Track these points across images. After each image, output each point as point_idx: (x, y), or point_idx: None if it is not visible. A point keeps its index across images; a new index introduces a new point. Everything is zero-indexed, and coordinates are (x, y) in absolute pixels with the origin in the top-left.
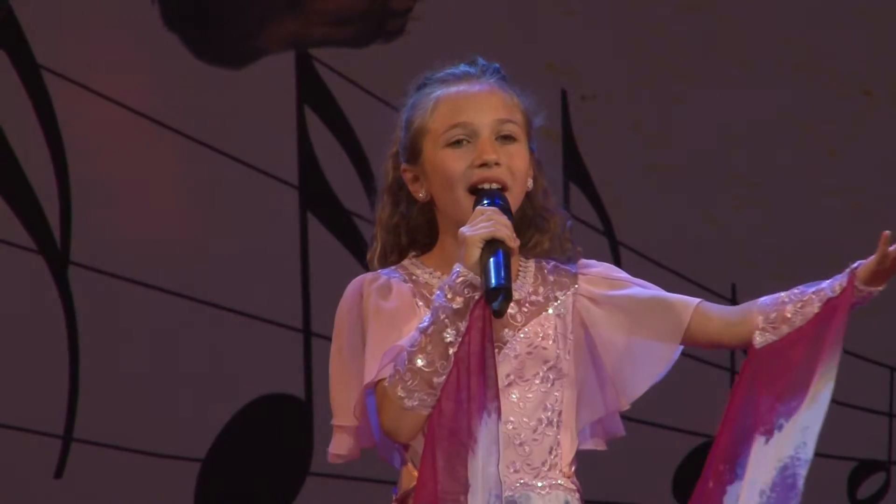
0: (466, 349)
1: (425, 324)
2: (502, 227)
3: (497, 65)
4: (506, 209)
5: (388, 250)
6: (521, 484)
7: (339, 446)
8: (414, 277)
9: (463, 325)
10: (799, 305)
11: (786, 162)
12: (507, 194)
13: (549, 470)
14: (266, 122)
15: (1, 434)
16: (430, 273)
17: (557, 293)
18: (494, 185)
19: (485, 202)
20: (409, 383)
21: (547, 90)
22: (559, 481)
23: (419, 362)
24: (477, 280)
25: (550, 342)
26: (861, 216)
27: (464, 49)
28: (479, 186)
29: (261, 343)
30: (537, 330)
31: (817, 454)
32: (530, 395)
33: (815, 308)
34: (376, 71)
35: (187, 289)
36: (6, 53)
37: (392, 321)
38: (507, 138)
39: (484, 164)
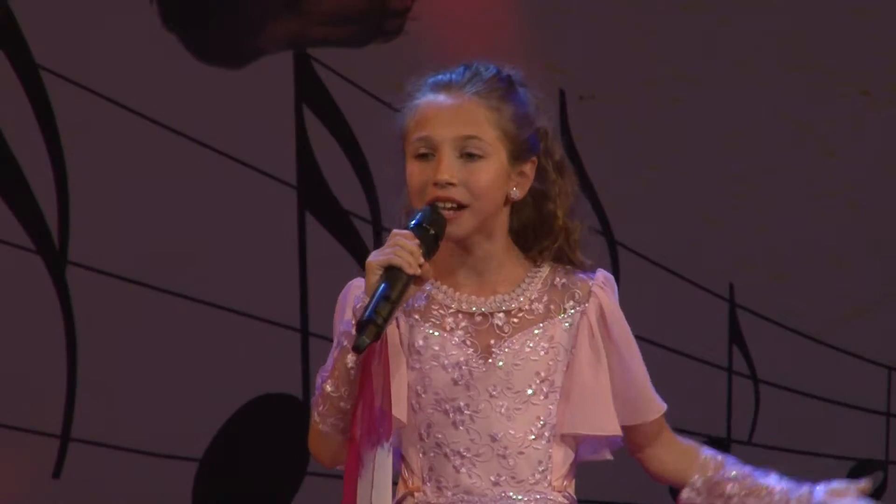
0: (367, 375)
1: (335, 349)
2: (403, 254)
3: (494, 69)
4: (425, 231)
5: None
6: (501, 496)
7: None
8: None
9: None
10: (743, 492)
11: (785, 162)
12: (465, 212)
13: (535, 483)
14: (264, 121)
15: None
16: (430, 282)
17: (567, 304)
18: (448, 205)
19: (412, 223)
20: (321, 408)
21: (545, 89)
22: (548, 495)
23: (328, 387)
24: None
25: (542, 353)
26: (860, 216)
27: (461, 49)
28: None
29: (258, 343)
30: (526, 341)
31: (815, 454)
32: (520, 407)
33: None
34: (375, 71)
35: (185, 288)
36: (4, 53)
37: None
38: (470, 156)
39: (437, 184)
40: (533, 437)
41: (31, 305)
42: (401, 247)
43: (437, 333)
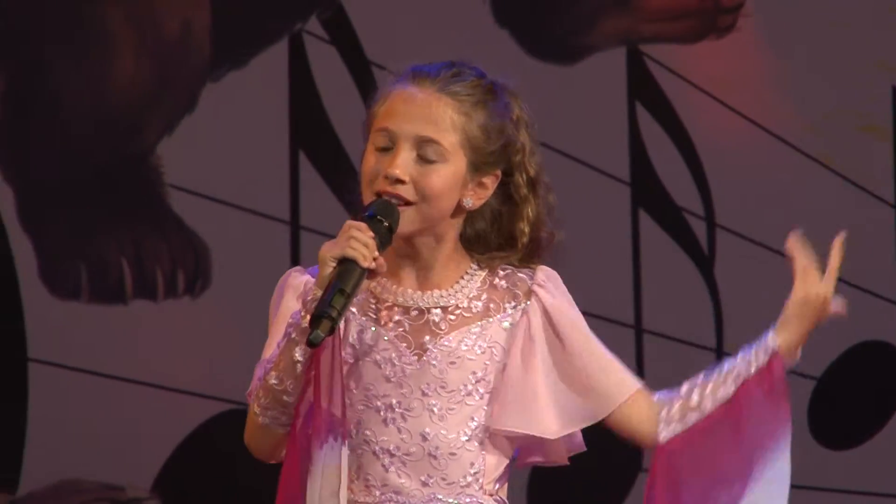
0: (316, 370)
1: (281, 340)
2: (358, 246)
3: (476, 73)
4: (379, 223)
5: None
6: (431, 498)
7: None
8: None
9: None
10: (708, 389)
11: None
12: (412, 209)
13: (466, 486)
14: (597, 118)
15: None
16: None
17: (507, 304)
18: (394, 200)
19: (366, 214)
20: (262, 400)
21: (877, 87)
22: (478, 499)
23: (272, 380)
24: None
25: (479, 353)
26: None
27: (792, 46)
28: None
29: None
30: (462, 339)
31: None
32: (453, 407)
33: (729, 390)
34: (707, 67)
35: None
36: (337, 50)
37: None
38: (425, 159)
39: (387, 177)
40: (466, 438)
41: None
42: (355, 238)
43: (372, 328)
